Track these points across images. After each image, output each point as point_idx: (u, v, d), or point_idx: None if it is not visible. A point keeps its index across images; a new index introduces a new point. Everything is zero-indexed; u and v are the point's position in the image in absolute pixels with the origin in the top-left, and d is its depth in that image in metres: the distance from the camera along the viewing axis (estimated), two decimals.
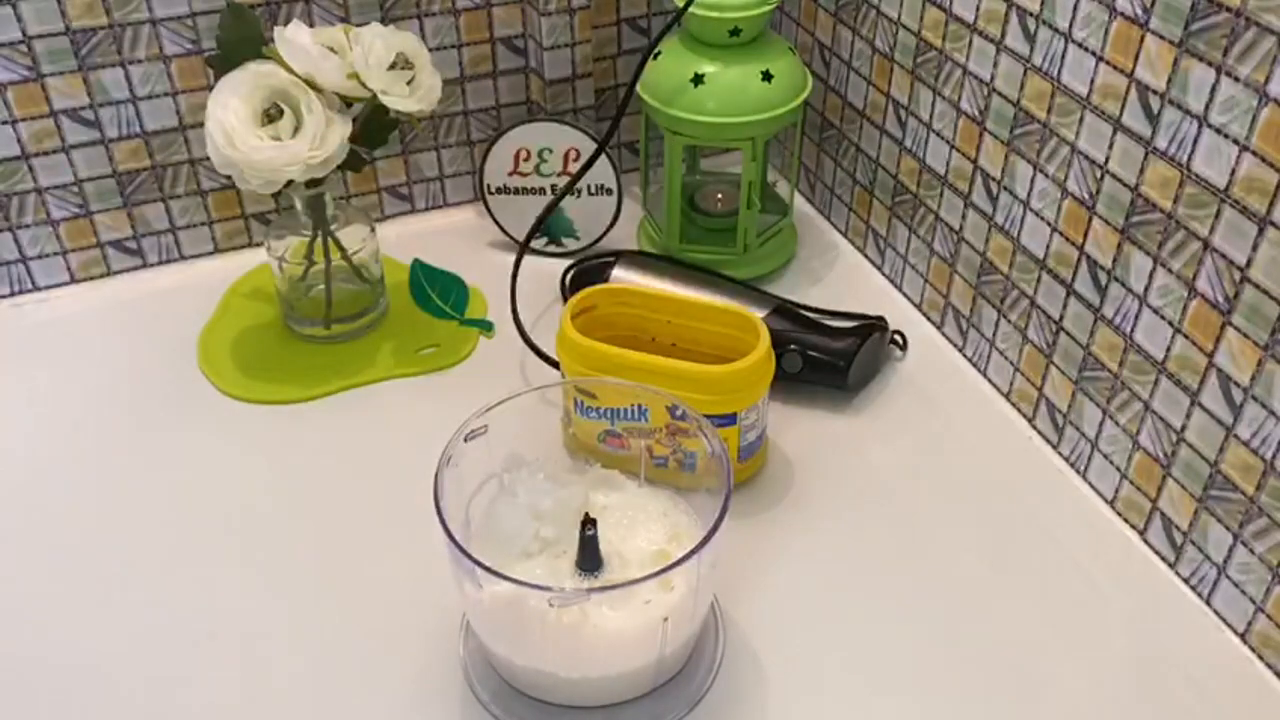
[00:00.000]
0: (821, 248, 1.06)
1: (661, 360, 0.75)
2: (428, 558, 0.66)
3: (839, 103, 1.01)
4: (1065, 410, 0.82)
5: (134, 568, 0.75)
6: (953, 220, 0.89)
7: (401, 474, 0.73)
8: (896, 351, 0.93)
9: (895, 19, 0.90)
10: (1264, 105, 0.61)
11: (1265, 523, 0.67)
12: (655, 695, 0.67)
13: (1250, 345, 0.65)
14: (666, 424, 0.72)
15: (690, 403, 0.70)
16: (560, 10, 0.99)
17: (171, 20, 0.91)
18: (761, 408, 0.77)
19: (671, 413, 0.71)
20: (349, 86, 0.82)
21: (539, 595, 0.60)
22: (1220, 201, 0.65)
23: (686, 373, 0.74)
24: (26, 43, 0.88)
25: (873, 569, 0.76)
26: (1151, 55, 0.67)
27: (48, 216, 0.96)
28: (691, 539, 0.67)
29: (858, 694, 0.68)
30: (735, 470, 0.77)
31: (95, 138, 0.94)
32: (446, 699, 0.67)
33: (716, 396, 0.74)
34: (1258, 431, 0.66)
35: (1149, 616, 0.73)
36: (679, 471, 0.72)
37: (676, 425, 0.71)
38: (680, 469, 0.72)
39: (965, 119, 0.85)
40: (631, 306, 0.81)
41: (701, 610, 0.66)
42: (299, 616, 0.72)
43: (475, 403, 0.69)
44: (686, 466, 0.72)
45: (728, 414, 0.75)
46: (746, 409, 0.75)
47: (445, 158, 1.07)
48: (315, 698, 0.68)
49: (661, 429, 0.72)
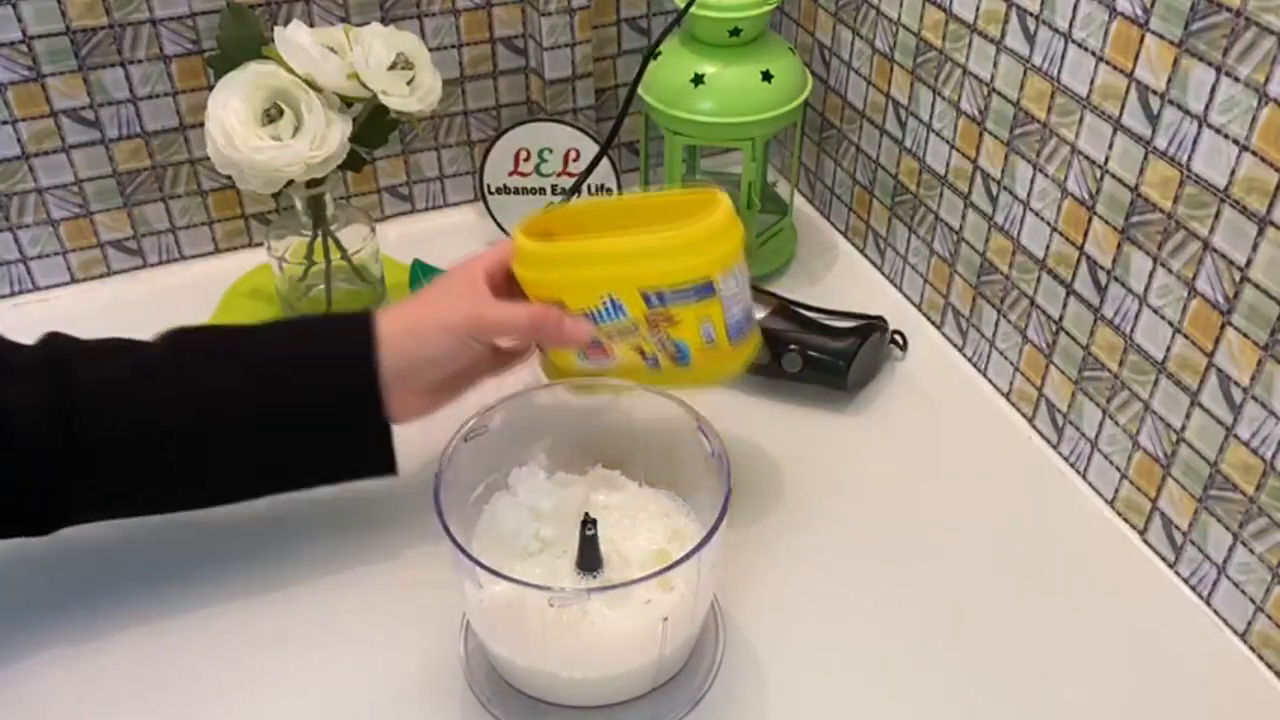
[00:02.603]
0: (821, 248, 1.06)
1: (620, 241, 0.69)
2: (428, 558, 0.66)
3: (839, 103, 1.01)
4: (1065, 410, 0.82)
5: (126, 567, 0.75)
6: (953, 220, 0.89)
7: (401, 474, 0.73)
8: (896, 351, 0.93)
9: (895, 19, 0.90)
10: (1264, 105, 0.61)
11: (1265, 523, 0.67)
12: (655, 695, 0.67)
13: (1250, 345, 0.65)
14: (646, 315, 0.68)
15: (661, 277, 0.66)
16: (560, 10, 0.99)
17: (171, 20, 0.91)
18: (740, 278, 0.70)
19: (648, 301, 0.67)
20: (349, 86, 0.82)
21: (539, 595, 0.60)
22: (1220, 201, 0.65)
23: (649, 246, 0.68)
24: (26, 43, 0.88)
25: (873, 569, 0.76)
26: (1151, 55, 0.67)
27: (48, 216, 0.96)
28: (692, 539, 0.67)
29: (858, 694, 0.68)
30: (728, 356, 0.71)
31: (95, 138, 0.94)
32: (446, 699, 0.67)
33: (686, 262, 0.67)
34: (1257, 431, 0.66)
35: (1149, 616, 0.73)
36: (675, 368, 0.70)
37: (657, 314, 0.67)
38: (675, 365, 0.70)
39: (965, 119, 0.85)
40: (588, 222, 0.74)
41: (701, 610, 0.66)
42: (299, 616, 0.72)
43: (475, 403, 0.69)
44: (680, 361, 0.69)
45: (703, 282, 0.67)
46: (723, 275, 0.68)
47: (445, 158, 1.07)
48: (315, 697, 0.68)
49: (642, 321, 0.68)
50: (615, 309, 0.68)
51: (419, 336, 0.69)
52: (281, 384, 0.69)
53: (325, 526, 0.78)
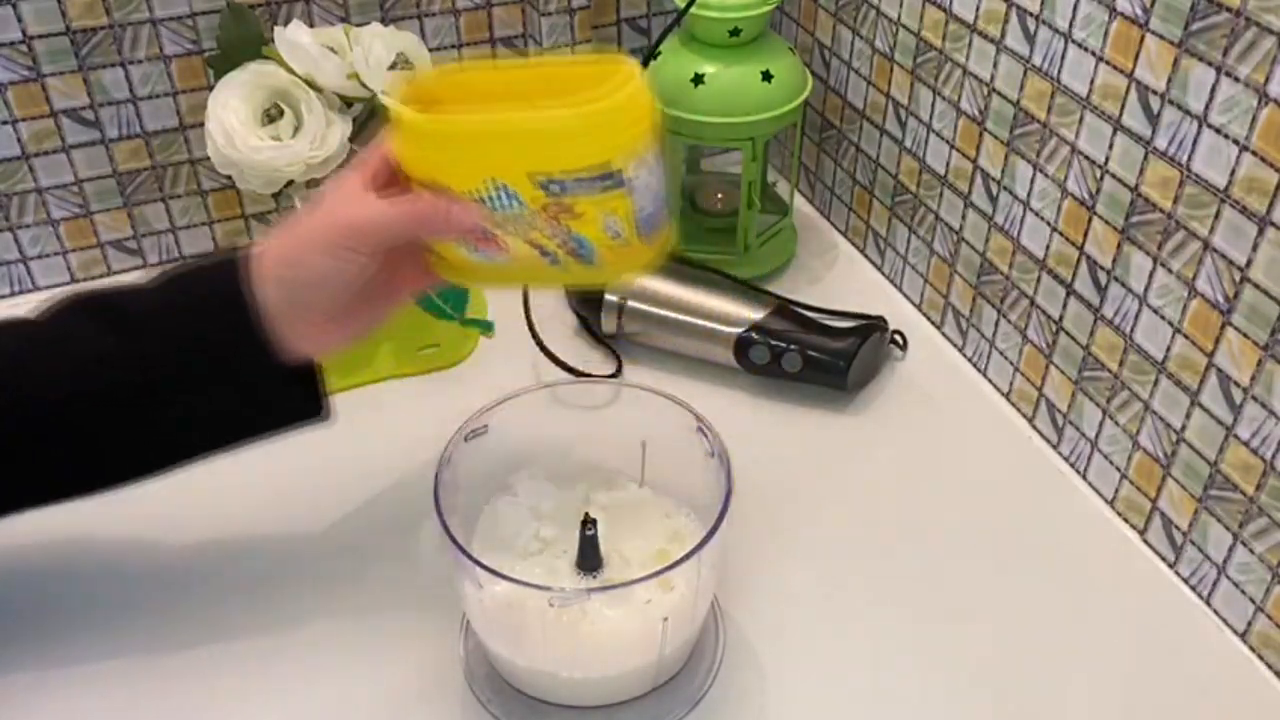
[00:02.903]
0: (821, 248, 1.06)
1: (512, 118, 0.59)
2: (428, 558, 0.66)
3: (839, 103, 1.01)
4: (1065, 410, 0.82)
5: (126, 569, 0.75)
6: (953, 220, 0.89)
7: (401, 474, 0.73)
8: (896, 351, 0.93)
9: (895, 19, 0.90)
10: (1264, 105, 0.61)
11: (1265, 523, 0.67)
12: (655, 695, 0.67)
13: (1250, 345, 0.65)
14: (545, 204, 0.60)
15: (558, 162, 0.58)
16: (560, 10, 0.99)
17: (171, 20, 0.91)
18: (653, 165, 0.61)
19: (545, 188, 0.59)
20: (349, 86, 0.82)
21: (539, 595, 0.60)
22: (1220, 201, 0.65)
23: (545, 125, 0.58)
24: (26, 43, 0.88)
25: (872, 569, 0.76)
26: (1151, 55, 0.67)
27: (48, 216, 0.96)
28: (692, 539, 0.67)
29: (858, 694, 0.68)
30: (637, 252, 0.63)
31: (95, 138, 0.94)
32: (446, 699, 0.67)
33: (588, 145, 0.58)
34: (1258, 431, 0.66)
35: (1149, 616, 0.73)
36: (578, 266, 0.63)
37: (557, 204, 0.59)
38: (577, 262, 0.62)
39: (965, 119, 0.85)
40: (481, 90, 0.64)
41: (701, 610, 0.66)
42: (299, 616, 0.72)
43: (475, 403, 0.69)
44: (582, 258, 0.62)
45: (606, 169, 0.59)
46: (631, 162, 0.59)
47: None
48: (315, 697, 0.68)
49: (539, 212, 0.60)
50: (508, 197, 0.60)
51: (293, 262, 0.62)
52: (156, 341, 0.62)
53: (325, 526, 0.78)
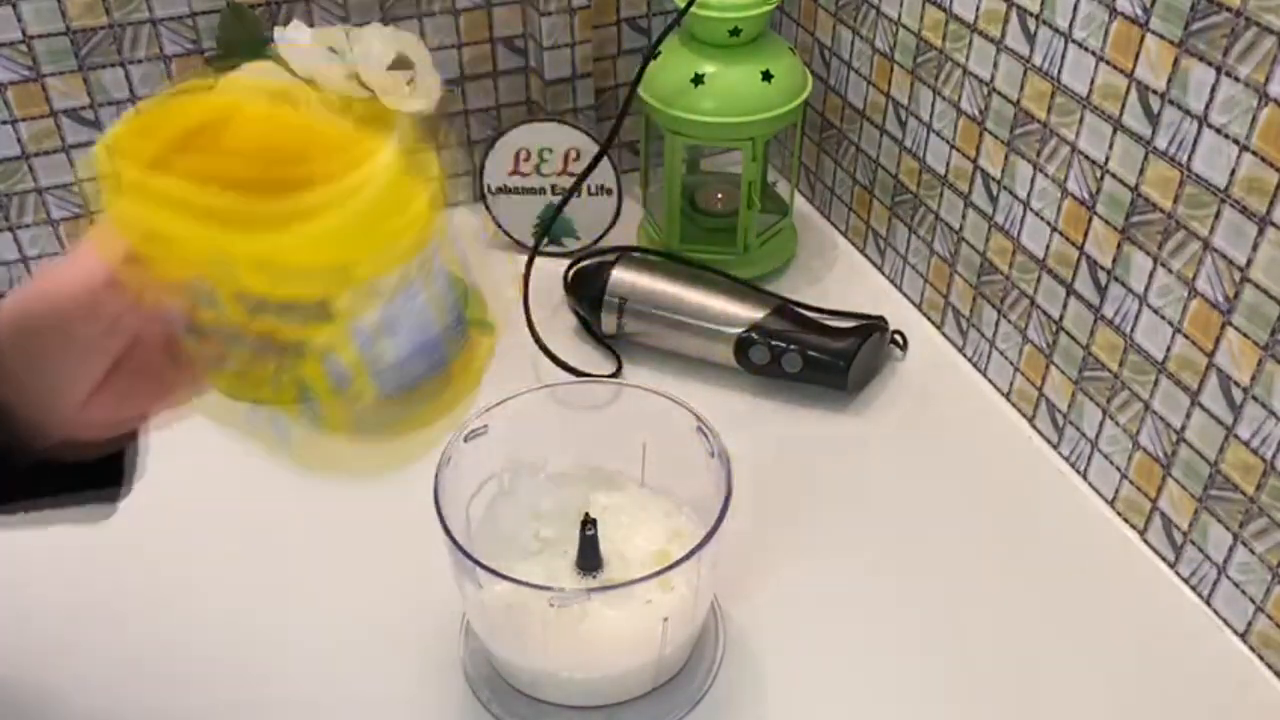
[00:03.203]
0: (821, 248, 1.06)
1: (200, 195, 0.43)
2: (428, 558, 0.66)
3: (839, 103, 1.01)
4: (1065, 410, 0.82)
5: (130, 570, 0.75)
6: (953, 220, 0.89)
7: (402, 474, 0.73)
8: (896, 351, 0.93)
9: (895, 19, 0.90)
10: (1264, 105, 0.61)
11: (1265, 523, 0.67)
12: (655, 695, 0.67)
13: (1250, 345, 0.65)
14: (247, 320, 0.44)
15: (255, 275, 0.42)
16: (560, 10, 0.99)
17: (171, 20, 0.91)
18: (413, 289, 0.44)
19: (245, 302, 0.43)
20: (349, 86, 0.82)
21: (539, 595, 0.60)
22: (1220, 201, 0.65)
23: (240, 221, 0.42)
24: (26, 43, 0.88)
25: (873, 569, 0.76)
26: (1151, 55, 0.67)
27: (48, 216, 0.96)
28: (692, 539, 0.67)
29: (857, 694, 0.68)
30: (382, 410, 0.47)
31: (95, 138, 0.94)
32: (446, 699, 0.67)
33: (295, 258, 0.41)
34: (1258, 431, 0.66)
35: (1149, 616, 0.73)
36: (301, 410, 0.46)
37: (262, 324, 0.43)
38: (300, 404, 0.47)
39: (965, 119, 0.85)
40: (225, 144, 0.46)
41: (701, 610, 0.66)
42: (299, 616, 0.72)
43: (475, 403, 0.69)
44: (304, 401, 0.47)
45: (313, 298, 0.42)
46: (360, 288, 0.41)
47: (445, 158, 1.07)
48: (315, 697, 0.68)
49: (244, 328, 0.44)
50: (209, 297, 0.44)
51: (4, 343, 0.49)
52: None
53: (325, 527, 0.78)
